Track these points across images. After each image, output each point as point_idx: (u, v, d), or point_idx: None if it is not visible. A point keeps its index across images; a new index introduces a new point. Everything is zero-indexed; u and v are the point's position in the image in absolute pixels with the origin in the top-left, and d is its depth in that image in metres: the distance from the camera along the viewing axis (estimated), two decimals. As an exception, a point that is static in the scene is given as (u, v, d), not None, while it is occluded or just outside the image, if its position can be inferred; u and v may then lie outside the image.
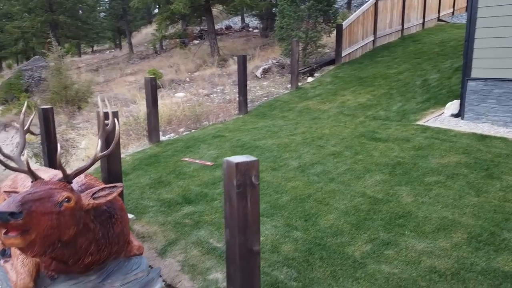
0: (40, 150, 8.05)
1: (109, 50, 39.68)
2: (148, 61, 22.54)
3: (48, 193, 2.40)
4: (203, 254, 3.80)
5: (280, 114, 9.23)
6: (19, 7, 20.93)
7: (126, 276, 3.06)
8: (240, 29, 30.02)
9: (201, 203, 4.88)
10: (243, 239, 2.37)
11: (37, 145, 8.89)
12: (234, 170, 2.28)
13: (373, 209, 4.36)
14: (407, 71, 10.97)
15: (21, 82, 18.11)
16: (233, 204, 2.33)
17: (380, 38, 14.41)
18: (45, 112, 5.53)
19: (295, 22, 11.79)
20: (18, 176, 4.08)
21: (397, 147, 6.18)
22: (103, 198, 2.69)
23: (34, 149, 8.71)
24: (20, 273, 3.06)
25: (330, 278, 3.26)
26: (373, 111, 8.61)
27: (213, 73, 14.66)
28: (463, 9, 20.86)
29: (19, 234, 2.20)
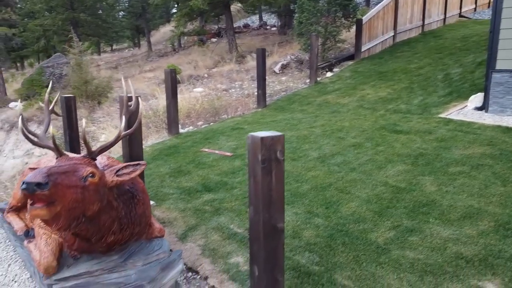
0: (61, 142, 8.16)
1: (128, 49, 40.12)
2: (166, 59, 22.69)
3: (73, 168, 2.41)
4: (223, 239, 3.78)
5: (299, 107, 9.18)
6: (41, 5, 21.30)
7: (148, 256, 3.06)
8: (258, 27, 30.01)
9: (221, 191, 4.87)
10: (267, 216, 2.34)
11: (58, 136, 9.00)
12: (259, 144, 2.25)
13: (396, 197, 4.28)
14: (428, 66, 10.80)
15: (42, 78, 18.37)
16: (258, 180, 2.30)
17: (400, 33, 14.22)
18: (67, 101, 5.60)
19: (314, 16, 11.71)
20: (42, 160, 4.13)
21: (419, 139, 6.08)
22: (126, 175, 2.69)
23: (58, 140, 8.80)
24: (43, 252, 3.09)
25: (353, 262, 3.21)
26: (393, 104, 8.49)
27: (231, 69, 14.66)
28: (486, 5, 20.48)
29: (45, 205, 2.21)
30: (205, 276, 3.35)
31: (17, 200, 4.00)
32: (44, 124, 3.03)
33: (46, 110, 3.09)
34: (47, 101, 3.10)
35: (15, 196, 4.03)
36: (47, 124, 3.02)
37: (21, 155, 14.17)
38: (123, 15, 39.09)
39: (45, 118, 3.04)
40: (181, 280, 3.36)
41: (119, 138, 2.79)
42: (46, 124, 3.01)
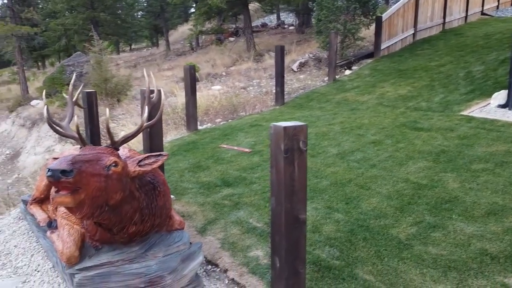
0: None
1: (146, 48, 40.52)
2: (184, 58, 22.83)
3: (96, 156, 2.43)
4: (242, 233, 3.78)
5: (317, 105, 9.12)
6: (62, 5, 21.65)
7: (169, 248, 3.07)
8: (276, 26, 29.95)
9: (240, 186, 4.87)
10: (289, 206, 2.33)
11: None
12: (282, 134, 2.23)
13: (417, 194, 4.21)
14: (450, 64, 10.62)
15: (63, 77, 18.67)
16: (280, 169, 2.29)
17: (420, 31, 14.02)
18: (88, 96, 5.66)
19: (333, 14, 11.63)
20: (65, 153, 4.19)
21: (441, 136, 5.98)
22: (148, 165, 2.71)
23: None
24: (66, 242, 3.13)
25: (375, 257, 3.17)
26: (414, 102, 8.37)
27: (249, 68, 14.67)
28: (509, 3, 20.05)
29: (69, 193, 2.24)
30: (225, 269, 3.35)
31: (40, 192, 4.07)
32: (67, 115, 3.07)
33: (70, 102, 3.13)
34: (71, 93, 3.14)
35: (38, 188, 4.10)
36: (70, 115, 3.05)
37: (42, 151, 14.43)
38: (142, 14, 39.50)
39: (69, 109, 3.07)
40: (201, 272, 3.36)
41: (141, 128, 2.81)
42: (69, 115, 3.05)
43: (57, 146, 13.57)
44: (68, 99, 3.16)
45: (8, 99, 23.07)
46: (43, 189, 4.03)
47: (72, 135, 2.76)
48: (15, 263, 3.69)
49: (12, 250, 3.91)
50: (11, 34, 17.32)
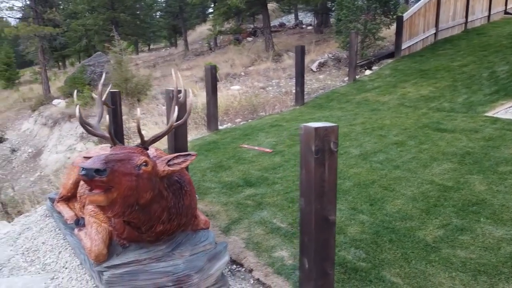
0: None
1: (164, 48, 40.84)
2: (203, 57, 22.95)
3: (128, 156, 2.46)
4: (267, 233, 3.78)
5: (337, 105, 9.07)
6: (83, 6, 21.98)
7: (195, 247, 3.09)
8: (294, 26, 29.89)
9: (262, 186, 4.87)
10: (319, 207, 2.32)
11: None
12: (313, 135, 2.23)
13: (443, 196, 4.15)
14: (472, 64, 10.45)
15: (84, 76, 18.97)
16: (310, 170, 2.28)
17: (442, 31, 13.83)
18: (113, 96, 5.72)
19: (354, 14, 11.55)
20: (91, 151, 4.25)
21: (465, 138, 5.88)
22: (177, 165, 2.73)
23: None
24: (94, 240, 3.17)
25: (402, 260, 3.13)
26: (436, 103, 8.26)
27: (268, 68, 14.67)
28: (533, 2, 19.62)
29: (102, 191, 2.27)
30: (250, 269, 3.36)
31: (67, 190, 4.13)
32: (97, 115, 3.11)
33: (99, 101, 3.17)
34: (100, 93, 3.18)
35: (65, 186, 4.17)
36: (100, 115, 3.10)
37: (63, 150, 14.68)
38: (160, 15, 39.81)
39: (98, 109, 3.12)
40: (226, 272, 3.37)
41: (170, 128, 2.83)
42: (99, 115, 3.09)
43: (78, 144, 13.80)
44: (97, 99, 3.21)
45: (31, 98, 23.53)
46: (70, 187, 4.09)
47: (103, 135, 2.80)
48: (43, 259, 3.76)
49: (40, 247, 3.98)
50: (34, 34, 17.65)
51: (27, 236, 4.27)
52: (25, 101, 23.91)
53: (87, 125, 2.85)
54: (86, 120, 2.87)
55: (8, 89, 30.54)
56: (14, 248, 4.07)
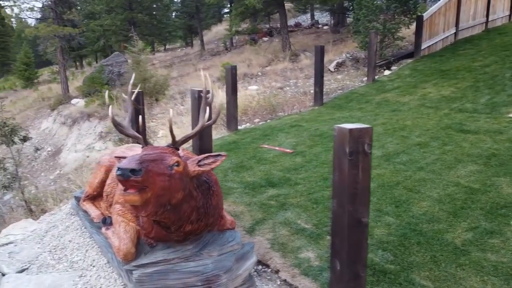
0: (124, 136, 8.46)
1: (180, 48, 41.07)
2: (219, 57, 23.03)
3: (160, 156, 2.48)
4: (292, 234, 3.77)
5: (357, 106, 9.01)
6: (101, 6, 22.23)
7: (223, 247, 3.10)
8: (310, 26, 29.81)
9: (284, 186, 4.86)
10: (352, 209, 2.30)
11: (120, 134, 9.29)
12: (347, 136, 2.21)
13: (470, 198, 4.10)
14: (494, 64, 10.28)
15: (102, 76, 19.19)
16: (344, 172, 2.27)
17: (462, 30, 13.64)
18: (136, 96, 5.78)
19: (373, 13, 11.46)
20: (116, 151, 4.29)
21: (489, 139, 5.79)
22: (207, 165, 2.74)
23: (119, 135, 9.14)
24: (122, 239, 3.20)
25: (431, 263, 3.10)
26: (458, 103, 8.15)
27: (285, 68, 14.65)
28: (555, 1, 19.22)
29: (137, 191, 2.29)
30: (276, 269, 3.36)
31: (93, 189, 4.17)
32: (128, 115, 3.14)
33: (129, 101, 3.20)
34: (130, 93, 3.22)
35: (91, 185, 4.21)
36: (130, 115, 3.12)
37: (82, 149, 14.87)
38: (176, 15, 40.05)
39: (128, 109, 3.14)
40: (252, 272, 3.37)
41: (201, 128, 2.85)
42: (129, 115, 3.12)
43: (97, 143, 13.97)
44: (127, 99, 3.24)
45: (49, 97, 23.90)
46: (96, 186, 4.13)
47: (134, 135, 2.82)
48: (71, 257, 3.81)
49: (67, 245, 4.04)
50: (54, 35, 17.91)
51: (53, 234, 4.34)
52: (44, 100, 24.29)
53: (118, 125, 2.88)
54: (117, 121, 2.89)
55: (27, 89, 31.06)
56: (41, 246, 4.14)
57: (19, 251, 4.11)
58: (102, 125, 13.74)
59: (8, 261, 3.92)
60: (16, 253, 4.06)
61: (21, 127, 7.87)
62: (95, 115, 14.84)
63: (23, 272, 3.73)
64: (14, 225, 4.74)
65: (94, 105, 15.30)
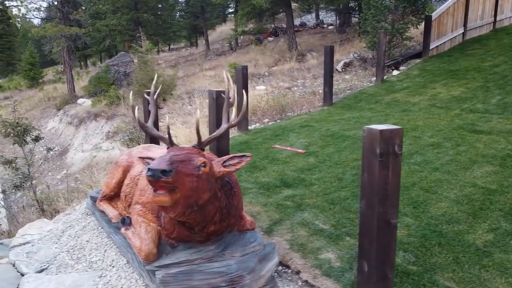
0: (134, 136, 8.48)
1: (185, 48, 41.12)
2: (225, 57, 23.03)
3: (188, 157, 2.48)
4: (310, 235, 3.76)
5: (366, 106, 8.99)
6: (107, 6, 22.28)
7: (245, 247, 3.10)
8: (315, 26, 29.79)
9: (299, 187, 4.86)
10: (381, 210, 2.30)
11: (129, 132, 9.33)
12: (378, 137, 2.21)
13: (489, 199, 4.08)
14: (504, 64, 10.24)
15: (108, 76, 19.23)
16: (374, 173, 2.26)
17: (470, 30, 13.60)
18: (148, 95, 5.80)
19: (381, 13, 11.44)
20: (133, 151, 4.30)
21: (503, 140, 5.77)
22: (233, 166, 2.74)
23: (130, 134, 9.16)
24: (144, 239, 3.20)
25: (454, 264, 3.09)
26: (469, 104, 8.12)
27: (292, 68, 14.63)
28: (562, 0, 19.15)
29: (167, 192, 2.29)
30: (297, 270, 3.35)
31: (110, 189, 4.18)
32: (151, 116, 3.14)
33: (152, 102, 3.20)
34: (153, 93, 3.22)
35: (108, 185, 4.21)
36: (154, 115, 3.13)
37: (89, 149, 14.90)
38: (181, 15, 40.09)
39: (152, 109, 3.14)
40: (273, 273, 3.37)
41: (229, 128, 2.85)
42: (153, 115, 3.12)
43: (104, 143, 13.99)
44: (150, 100, 3.24)
45: (55, 97, 23.95)
46: (113, 187, 4.13)
47: (159, 135, 2.82)
48: (89, 257, 3.82)
49: (84, 245, 4.04)
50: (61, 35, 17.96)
51: (70, 234, 4.35)
52: (50, 100, 24.35)
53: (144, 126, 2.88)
54: (141, 122, 2.89)
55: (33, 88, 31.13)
56: (59, 246, 4.15)
57: (37, 251, 4.12)
58: (110, 125, 13.76)
59: (27, 261, 3.94)
60: (34, 253, 4.08)
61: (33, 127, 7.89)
62: (102, 115, 14.86)
63: (43, 272, 3.74)
64: (30, 225, 4.76)
65: (101, 105, 15.32)
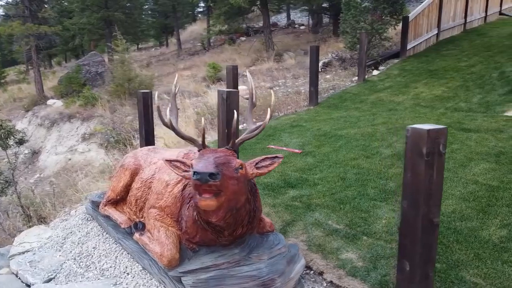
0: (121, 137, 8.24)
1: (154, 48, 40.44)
2: (198, 57, 22.81)
3: (227, 159, 2.42)
4: (326, 235, 3.75)
5: (352, 105, 9.10)
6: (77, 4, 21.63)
7: (272, 250, 3.05)
8: (286, 26, 29.93)
9: (304, 187, 4.85)
10: (426, 210, 2.31)
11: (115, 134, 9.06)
12: (425, 137, 2.22)
13: (494, 195, 4.19)
14: (480, 64, 10.59)
15: (79, 76, 18.67)
16: (419, 173, 2.27)
17: (443, 31, 14.00)
18: (144, 96, 5.67)
19: (361, 14, 11.61)
20: (138, 153, 4.17)
21: (492, 138, 5.95)
22: (265, 168, 2.70)
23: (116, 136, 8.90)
24: (165, 244, 3.11)
25: (476, 260, 3.14)
26: (452, 103, 8.35)
27: (271, 67, 14.65)
28: (524, 3, 20.02)
29: (213, 196, 2.22)
30: (320, 271, 3.33)
31: (116, 193, 4.02)
32: (173, 117, 3.04)
33: (173, 103, 3.11)
34: (174, 94, 3.12)
35: (114, 189, 4.05)
36: (176, 117, 3.03)
37: (63, 151, 14.42)
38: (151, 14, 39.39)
39: (173, 111, 3.05)
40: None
41: (261, 130, 2.80)
42: (175, 117, 3.03)
43: (80, 145, 13.56)
44: (171, 101, 3.14)
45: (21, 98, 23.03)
46: (120, 191, 3.98)
47: (190, 137, 2.74)
48: (99, 265, 3.67)
49: (91, 252, 3.89)
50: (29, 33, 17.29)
51: (73, 240, 4.18)
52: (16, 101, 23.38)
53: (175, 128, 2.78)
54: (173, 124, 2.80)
55: (-4, 89, 29.83)
56: (63, 254, 3.98)
57: (40, 259, 3.93)
58: (86, 127, 13.34)
59: (31, 270, 3.75)
60: (37, 262, 3.89)
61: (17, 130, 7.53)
62: (76, 116, 14.39)
63: (51, 282, 3.57)
64: (27, 232, 4.54)
65: (75, 105, 14.84)
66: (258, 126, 2.92)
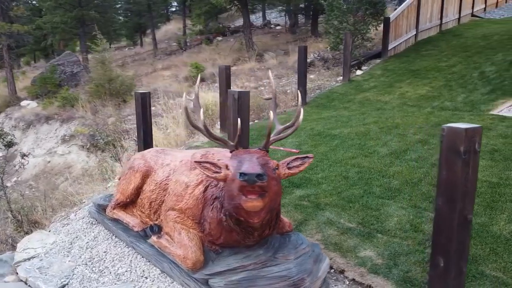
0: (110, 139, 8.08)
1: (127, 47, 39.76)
2: (175, 57, 22.55)
3: (265, 160, 2.41)
4: (341, 234, 3.80)
5: (341, 105, 9.21)
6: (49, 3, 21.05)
7: (297, 250, 3.06)
8: (262, 26, 29.96)
9: (309, 186, 4.88)
10: (461, 207, 2.37)
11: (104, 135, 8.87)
12: (462, 136, 2.27)
13: (496, 192, 4.33)
14: (459, 64, 10.90)
15: (54, 76, 18.18)
16: (455, 171, 2.33)
17: (421, 32, 14.34)
18: (142, 97, 5.59)
19: (344, 14, 11.77)
20: (147, 154, 4.11)
21: (483, 136, 6.12)
22: (296, 168, 2.70)
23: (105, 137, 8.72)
24: (189, 246, 3.08)
25: (493, 255, 3.25)
26: (438, 102, 8.57)
27: (253, 68, 14.66)
28: (494, 5, 20.74)
29: (259, 196, 2.21)
30: (340, 269, 3.36)
31: (126, 196, 3.94)
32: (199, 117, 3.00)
33: (197, 103, 3.07)
34: (197, 94, 3.09)
35: (123, 192, 3.97)
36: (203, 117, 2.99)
37: (42, 153, 14.01)
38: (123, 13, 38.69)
39: (198, 112, 3.01)
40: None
41: (294, 130, 2.80)
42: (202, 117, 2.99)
43: (60, 148, 13.20)
44: (195, 101, 3.11)
45: (-8, 99, 22.24)
46: (130, 193, 3.91)
47: (222, 139, 2.72)
48: (113, 269, 3.60)
49: (103, 256, 3.81)
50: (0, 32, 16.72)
51: (80, 245, 4.08)
52: (-15, 102, 22.57)
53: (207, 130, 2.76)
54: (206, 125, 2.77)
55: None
56: (72, 259, 3.88)
57: (48, 265, 3.82)
58: (66, 128, 13.00)
59: (42, 277, 3.64)
60: (47, 268, 3.78)
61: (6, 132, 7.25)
62: (55, 117, 14.00)
63: (65, 288, 3.47)
64: (29, 238, 4.40)
65: (53, 106, 14.43)
66: (285, 126, 2.92)
